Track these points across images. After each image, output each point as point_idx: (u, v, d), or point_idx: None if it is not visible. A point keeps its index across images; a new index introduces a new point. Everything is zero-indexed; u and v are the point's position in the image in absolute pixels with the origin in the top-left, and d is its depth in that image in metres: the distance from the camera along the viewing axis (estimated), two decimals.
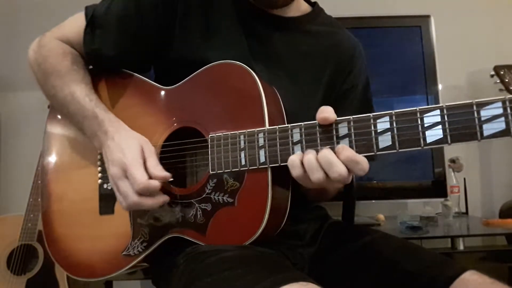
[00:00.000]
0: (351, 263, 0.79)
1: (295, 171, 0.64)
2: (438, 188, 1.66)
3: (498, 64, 1.35)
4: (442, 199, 1.67)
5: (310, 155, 0.62)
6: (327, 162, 0.61)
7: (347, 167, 0.60)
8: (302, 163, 0.63)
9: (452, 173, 1.70)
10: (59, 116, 0.90)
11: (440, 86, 1.69)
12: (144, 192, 0.70)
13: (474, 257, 1.47)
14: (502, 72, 1.32)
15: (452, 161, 1.70)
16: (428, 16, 1.73)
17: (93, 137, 0.79)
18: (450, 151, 1.71)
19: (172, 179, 0.73)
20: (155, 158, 0.73)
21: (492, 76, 1.36)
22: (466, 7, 1.99)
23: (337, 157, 0.61)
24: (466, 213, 1.74)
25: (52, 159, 0.89)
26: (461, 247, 1.43)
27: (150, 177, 0.70)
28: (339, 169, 0.60)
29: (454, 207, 1.67)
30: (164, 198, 0.73)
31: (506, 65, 1.34)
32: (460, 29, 1.96)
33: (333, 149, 0.62)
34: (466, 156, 1.77)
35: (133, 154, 0.72)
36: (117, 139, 0.74)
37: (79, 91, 0.80)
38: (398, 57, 1.75)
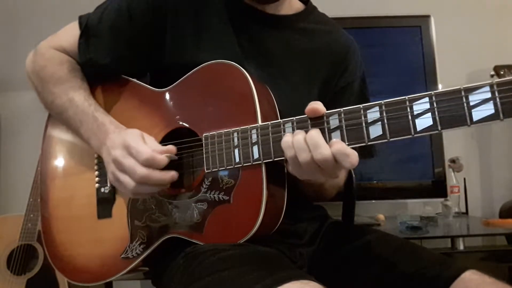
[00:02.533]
0: (351, 263, 0.79)
1: (289, 152, 0.63)
2: (438, 188, 1.66)
3: (498, 64, 1.36)
4: (442, 199, 1.67)
5: (299, 135, 0.63)
6: (314, 143, 0.61)
7: (337, 160, 0.60)
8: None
9: (452, 173, 1.70)
10: (56, 124, 0.91)
11: (440, 86, 1.69)
12: (150, 163, 0.69)
13: (474, 257, 1.47)
14: (502, 72, 1.32)
15: (452, 161, 1.70)
16: (428, 16, 1.73)
17: (91, 138, 0.79)
18: (450, 151, 1.71)
19: (175, 156, 0.74)
20: (155, 141, 0.75)
21: (492, 76, 1.36)
22: (466, 7, 1.99)
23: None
24: (466, 213, 1.74)
25: (50, 164, 0.90)
26: (461, 247, 1.43)
27: None
28: (323, 151, 0.60)
29: (454, 207, 1.68)
30: (172, 173, 0.72)
31: (506, 65, 1.35)
32: (460, 29, 1.96)
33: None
34: (466, 156, 1.78)
35: (134, 136, 0.73)
36: (117, 132, 0.76)
37: (78, 97, 0.81)
38: (398, 57, 1.75)
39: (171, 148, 0.74)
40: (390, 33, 1.77)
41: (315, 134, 0.62)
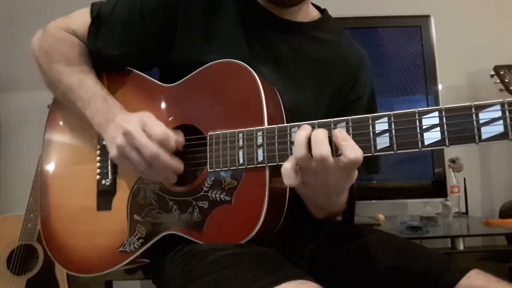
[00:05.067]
0: (352, 263, 0.79)
1: (288, 180, 0.63)
2: (438, 188, 1.66)
3: (498, 64, 1.36)
4: (442, 199, 1.67)
5: (320, 134, 0.61)
6: (316, 141, 0.60)
7: (338, 145, 0.60)
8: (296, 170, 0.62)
9: (452, 173, 1.70)
10: (59, 115, 0.91)
11: (440, 86, 1.69)
12: (163, 142, 0.70)
13: (474, 257, 1.47)
14: (502, 72, 1.32)
15: (452, 161, 1.70)
16: (428, 16, 1.73)
17: (97, 116, 0.78)
18: (450, 151, 1.71)
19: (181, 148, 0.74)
20: (165, 126, 0.74)
21: (492, 76, 1.36)
22: (466, 7, 1.99)
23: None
24: (466, 213, 1.74)
25: (51, 156, 0.90)
26: (461, 247, 1.43)
27: None
28: (323, 149, 0.59)
29: (454, 207, 1.68)
30: (179, 161, 0.73)
31: (506, 65, 1.35)
32: (460, 29, 1.96)
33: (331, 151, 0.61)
34: (466, 156, 1.78)
35: (150, 115, 0.73)
36: (129, 114, 0.76)
37: (89, 80, 0.81)
38: (398, 57, 1.75)
39: (181, 138, 0.74)
40: (390, 33, 1.77)
41: (320, 131, 0.61)
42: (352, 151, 0.59)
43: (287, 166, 0.62)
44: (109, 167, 0.83)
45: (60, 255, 0.85)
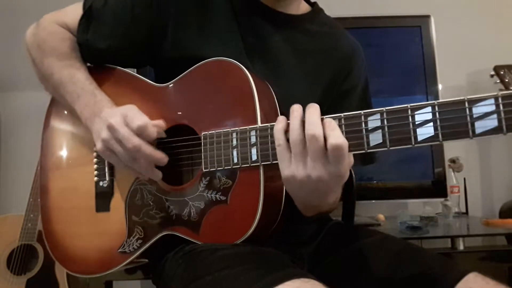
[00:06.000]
0: (352, 264, 0.78)
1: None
2: (438, 188, 1.66)
3: (498, 64, 1.35)
4: (442, 199, 1.67)
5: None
6: (309, 122, 0.60)
7: (325, 135, 0.59)
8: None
9: (452, 173, 1.70)
10: (56, 117, 0.92)
11: (440, 86, 1.69)
12: (142, 131, 0.71)
13: (474, 257, 1.47)
14: (502, 72, 1.32)
15: (452, 161, 1.70)
16: (428, 16, 1.73)
17: (85, 110, 0.79)
18: (450, 151, 1.71)
19: (164, 133, 0.76)
20: (147, 117, 0.76)
21: (492, 76, 1.35)
22: (466, 7, 1.99)
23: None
24: (466, 213, 1.74)
25: (50, 157, 0.90)
26: (461, 247, 1.43)
27: None
28: (315, 128, 0.59)
29: (454, 207, 1.67)
30: (163, 155, 0.73)
31: (506, 65, 1.34)
32: (460, 29, 1.96)
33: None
34: (466, 156, 1.77)
35: (133, 108, 0.75)
36: (115, 108, 0.77)
37: (79, 74, 0.82)
38: (398, 57, 1.75)
39: (161, 122, 0.75)
40: (390, 33, 1.77)
41: (315, 115, 0.61)
42: (334, 138, 0.58)
43: (278, 128, 0.63)
44: (106, 168, 0.83)
45: (61, 256, 0.86)
